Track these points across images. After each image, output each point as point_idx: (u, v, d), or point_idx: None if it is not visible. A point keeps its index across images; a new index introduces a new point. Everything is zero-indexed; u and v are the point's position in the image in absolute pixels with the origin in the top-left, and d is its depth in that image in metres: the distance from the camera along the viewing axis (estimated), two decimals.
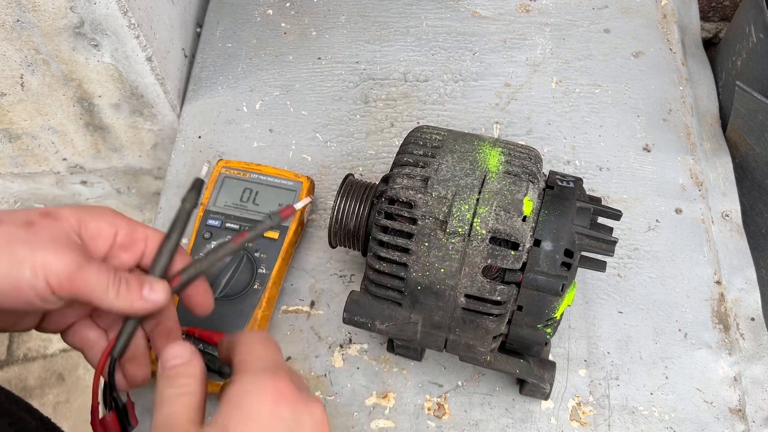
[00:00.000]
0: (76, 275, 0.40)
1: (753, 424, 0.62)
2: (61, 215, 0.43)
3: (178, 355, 0.42)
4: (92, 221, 0.44)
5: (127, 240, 0.46)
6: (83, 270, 0.41)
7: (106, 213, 0.45)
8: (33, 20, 0.64)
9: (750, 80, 0.73)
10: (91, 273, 0.41)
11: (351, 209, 0.57)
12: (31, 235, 0.40)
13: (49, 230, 0.41)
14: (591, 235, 0.52)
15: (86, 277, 0.41)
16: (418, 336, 0.54)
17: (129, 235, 0.46)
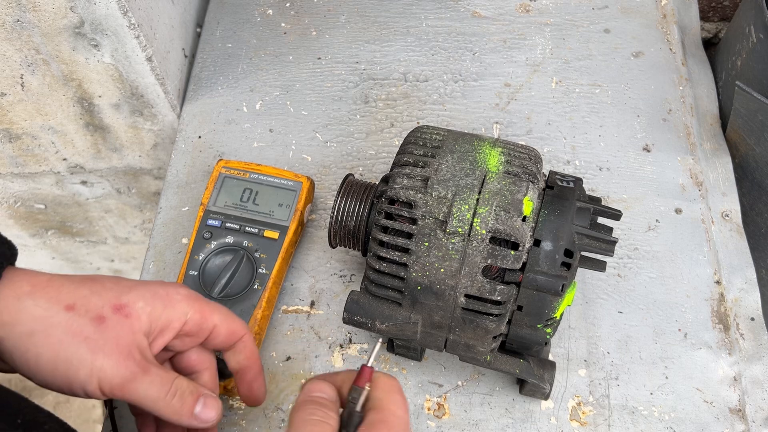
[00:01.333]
0: (129, 385, 0.41)
1: (753, 424, 0.62)
2: (134, 311, 0.43)
3: (324, 392, 0.42)
4: (165, 314, 0.44)
5: (195, 328, 0.46)
6: (136, 380, 0.41)
7: (180, 303, 0.46)
8: (33, 20, 0.64)
9: (750, 80, 0.73)
10: (144, 384, 0.42)
11: (351, 209, 0.57)
12: (97, 334, 0.41)
13: (116, 331, 0.42)
14: (591, 235, 0.52)
15: (138, 388, 0.41)
16: (418, 336, 0.54)
17: (198, 324, 0.46)
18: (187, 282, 0.63)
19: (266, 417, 0.61)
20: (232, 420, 0.61)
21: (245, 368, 0.50)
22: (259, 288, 0.63)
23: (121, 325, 0.42)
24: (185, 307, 0.46)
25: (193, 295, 0.47)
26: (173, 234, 0.71)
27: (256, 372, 0.50)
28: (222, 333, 0.48)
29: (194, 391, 0.45)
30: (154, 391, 0.42)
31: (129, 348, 0.42)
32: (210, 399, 0.45)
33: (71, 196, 0.96)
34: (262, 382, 0.51)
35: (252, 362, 0.50)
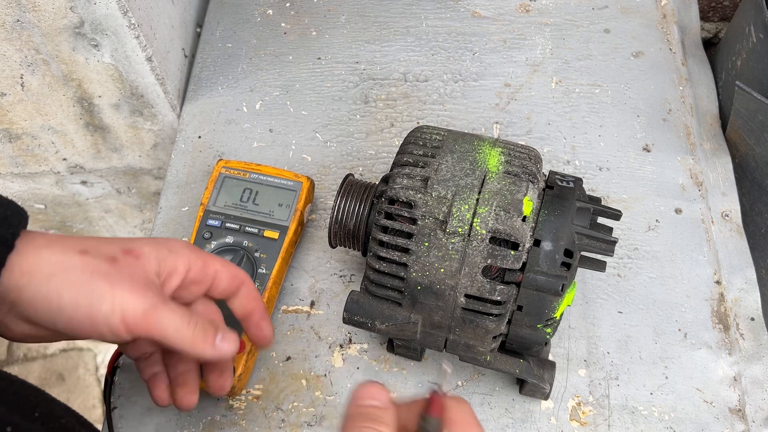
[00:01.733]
0: (152, 315, 0.42)
1: (753, 424, 0.62)
2: (143, 253, 0.45)
3: (377, 398, 0.39)
4: (170, 257, 0.46)
5: (199, 275, 0.48)
6: (158, 310, 0.42)
7: (183, 250, 0.47)
8: (33, 20, 0.64)
9: (750, 80, 0.73)
10: (165, 314, 0.43)
11: (351, 209, 0.57)
12: (113, 271, 0.42)
13: (130, 269, 0.43)
14: (591, 235, 0.52)
15: (161, 318, 0.42)
16: (418, 336, 0.54)
17: (201, 270, 0.48)
18: None
19: (266, 417, 0.61)
20: (232, 420, 0.61)
21: (251, 311, 0.51)
22: (259, 288, 0.63)
23: (133, 265, 0.43)
24: (188, 253, 0.47)
25: (192, 246, 0.49)
26: (173, 234, 0.71)
27: (261, 313, 0.52)
28: (225, 278, 0.49)
29: (213, 323, 0.46)
30: (177, 319, 0.43)
31: (145, 282, 0.43)
32: (228, 332, 0.46)
33: (71, 196, 0.96)
34: (269, 323, 0.52)
35: (256, 304, 0.51)
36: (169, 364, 0.52)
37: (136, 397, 0.63)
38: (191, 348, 0.44)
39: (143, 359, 0.52)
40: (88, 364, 1.81)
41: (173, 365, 0.52)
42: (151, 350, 0.52)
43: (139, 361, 0.52)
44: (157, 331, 0.42)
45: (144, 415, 0.62)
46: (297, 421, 0.61)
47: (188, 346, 0.44)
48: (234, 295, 0.51)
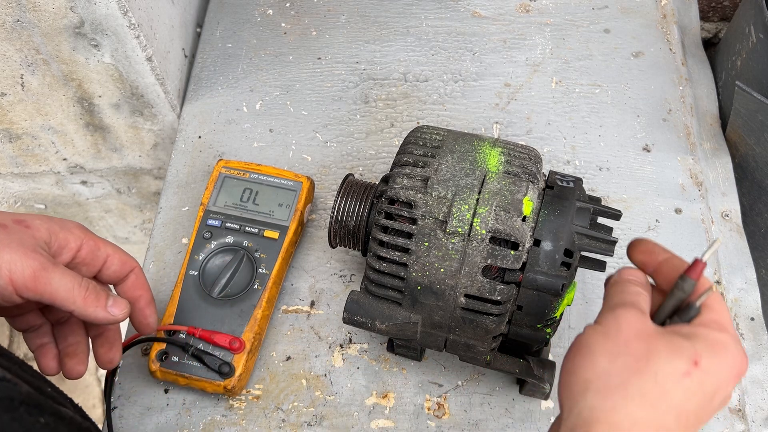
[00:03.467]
0: (41, 275, 0.42)
1: (753, 423, 0.62)
2: (33, 224, 0.45)
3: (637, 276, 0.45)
4: (61, 232, 0.47)
5: (89, 256, 0.48)
6: (48, 271, 0.43)
7: (75, 229, 0.48)
8: (33, 20, 0.64)
9: (750, 80, 0.73)
10: (56, 275, 0.43)
11: (351, 209, 0.57)
12: (2, 236, 0.43)
13: (19, 235, 0.43)
14: (591, 235, 0.52)
15: (51, 279, 0.43)
16: (418, 336, 0.54)
17: (92, 251, 0.48)
18: (188, 282, 0.63)
19: (266, 417, 0.61)
20: (232, 420, 0.61)
21: (138, 297, 0.53)
22: (259, 288, 0.63)
23: (22, 232, 0.44)
24: (80, 232, 0.48)
25: (86, 228, 0.49)
26: (173, 234, 0.71)
27: (147, 300, 0.53)
28: (115, 263, 0.50)
29: (104, 289, 0.47)
30: (68, 281, 0.44)
31: (34, 247, 0.43)
32: (118, 298, 0.48)
33: (71, 196, 0.96)
34: (154, 310, 0.54)
35: (143, 292, 0.53)
36: (59, 336, 0.53)
37: (136, 397, 0.63)
38: (83, 309, 0.45)
39: (32, 331, 0.52)
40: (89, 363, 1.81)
41: (63, 337, 0.52)
42: (39, 322, 0.52)
43: (28, 332, 0.52)
44: (48, 293, 0.43)
45: (144, 415, 0.62)
46: (297, 421, 0.61)
47: (80, 308, 0.45)
48: (123, 281, 0.52)
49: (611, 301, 0.43)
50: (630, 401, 0.37)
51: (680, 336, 0.40)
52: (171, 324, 0.61)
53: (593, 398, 0.38)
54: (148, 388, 0.63)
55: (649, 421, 0.37)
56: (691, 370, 0.38)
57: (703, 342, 0.39)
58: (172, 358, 0.60)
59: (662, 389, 0.37)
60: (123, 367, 0.64)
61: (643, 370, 0.38)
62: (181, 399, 0.62)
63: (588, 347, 0.40)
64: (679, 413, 0.38)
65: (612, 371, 0.38)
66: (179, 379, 0.60)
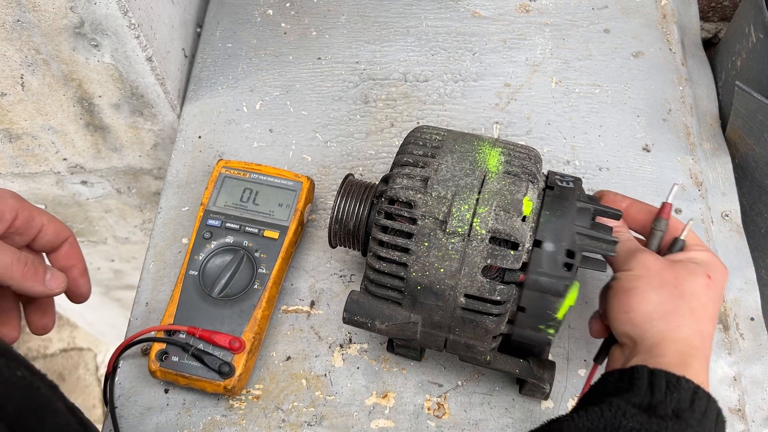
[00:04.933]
0: None
1: (753, 423, 0.62)
2: None
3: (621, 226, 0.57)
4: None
5: (24, 225, 0.49)
6: None
7: (9, 199, 0.48)
8: (33, 20, 0.64)
9: (750, 80, 0.73)
10: None
11: (351, 209, 0.57)
12: None
13: None
14: (592, 235, 0.52)
15: None
16: (418, 336, 0.54)
17: (27, 221, 0.49)
18: (188, 282, 0.63)
19: (266, 417, 0.61)
20: (232, 420, 0.61)
21: (71, 267, 0.53)
22: (259, 288, 0.63)
23: None
24: (14, 202, 0.48)
25: (19, 196, 0.50)
26: (173, 234, 0.71)
27: (81, 270, 0.54)
28: (49, 232, 0.50)
29: (42, 262, 0.49)
30: (6, 257, 0.45)
31: None
32: (56, 271, 0.49)
33: (71, 196, 0.96)
34: (87, 279, 0.54)
35: (77, 261, 0.53)
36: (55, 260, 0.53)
37: (136, 397, 0.63)
38: (21, 284, 0.46)
39: None
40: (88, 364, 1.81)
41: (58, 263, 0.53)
42: None
43: None
44: None
45: (144, 415, 0.62)
46: (297, 421, 0.61)
47: (18, 282, 0.46)
48: (56, 250, 0.52)
49: (624, 247, 0.53)
50: (684, 317, 0.48)
51: (686, 261, 0.51)
52: (171, 324, 0.61)
53: (659, 323, 0.48)
54: (148, 388, 0.63)
55: (699, 328, 0.48)
56: (707, 282, 0.49)
57: (703, 260, 0.51)
58: (172, 358, 0.60)
59: (699, 302, 0.49)
60: (123, 367, 0.64)
61: (682, 292, 0.49)
62: (181, 399, 0.62)
63: (635, 288, 0.50)
64: (711, 315, 0.49)
65: (663, 300, 0.48)
66: (179, 379, 0.60)
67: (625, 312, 0.49)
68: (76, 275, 0.54)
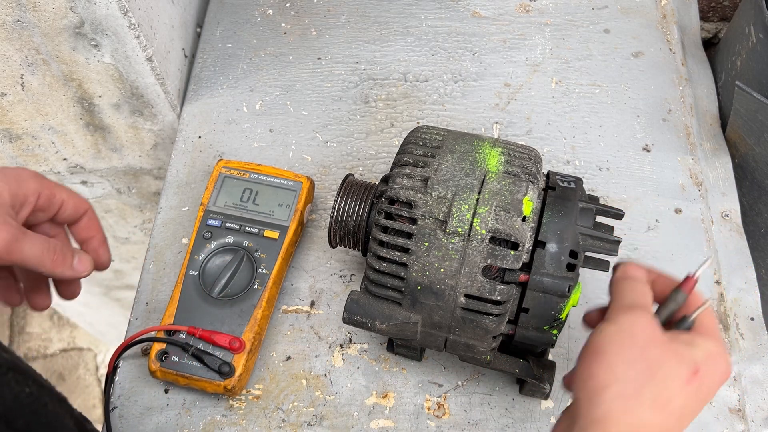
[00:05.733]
0: (14, 246, 0.47)
1: (753, 423, 0.62)
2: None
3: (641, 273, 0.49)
4: (20, 190, 0.50)
5: (46, 203, 0.52)
6: (19, 242, 0.47)
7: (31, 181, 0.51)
8: (33, 20, 0.64)
9: (750, 80, 0.73)
10: (26, 244, 0.48)
11: (351, 209, 0.57)
12: None
13: None
14: (594, 235, 0.52)
15: (22, 248, 0.48)
16: (418, 336, 0.54)
17: (48, 199, 0.52)
18: (188, 282, 0.63)
19: (266, 417, 0.61)
20: (232, 420, 0.61)
21: (91, 238, 0.56)
22: (259, 288, 0.63)
23: None
24: (36, 184, 0.51)
25: (39, 175, 0.53)
26: (173, 234, 0.71)
27: (100, 240, 0.57)
28: (69, 207, 0.54)
29: (70, 248, 0.52)
30: (37, 248, 0.48)
31: (4, 217, 0.47)
32: (83, 255, 0.53)
33: None
34: (107, 248, 0.57)
35: (96, 232, 0.57)
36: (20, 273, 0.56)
37: (136, 397, 0.63)
38: (51, 270, 0.50)
39: None
40: (88, 364, 1.81)
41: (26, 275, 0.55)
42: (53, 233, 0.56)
43: None
44: (20, 259, 0.48)
45: (144, 415, 0.62)
46: (297, 421, 0.61)
47: (48, 269, 0.50)
48: (77, 223, 0.56)
49: (623, 299, 0.46)
50: (642, 405, 0.41)
51: (683, 344, 0.44)
52: (171, 324, 0.61)
53: (610, 401, 0.41)
54: (148, 388, 0.63)
55: (657, 423, 0.41)
56: (691, 378, 0.42)
57: (701, 351, 0.43)
58: (172, 358, 0.60)
59: (670, 394, 0.41)
60: (123, 367, 0.64)
61: (655, 377, 0.42)
62: (181, 399, 0.62)
63: (605, 352, 0.43)
64: (680, 415, 0.42)
65: (628, 377, 0.42)
66: (179, 379, 0.60)
67: (584, 371, 0.43)
68: (96, 245, 0.57)
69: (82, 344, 1.83)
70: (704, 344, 0.44)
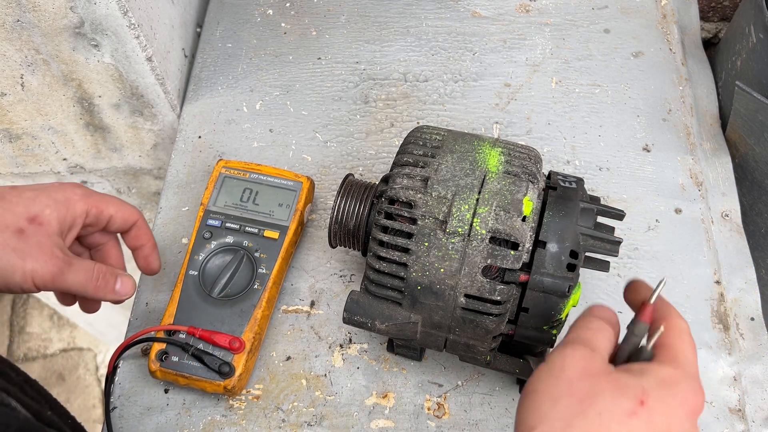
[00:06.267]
0: (59, 278, 0.49)
1: (753, 423, 0.62)
2: (45, 220, 0.50)
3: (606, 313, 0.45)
4: (68, 214, 0.52)
5: (94, 220, 0.55)
6: (64, 274, 0.49)
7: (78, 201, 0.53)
8: (33, 20, 0.64)
9: (750, 80, 0.73)
10: (70, 275, 0.50)
11: (351, 209, 0.57)
12: (21, 243, 0.48)
13: (36, 239, 0.49)
14: (595, 235, 0.52)
15: (66, 279, 0.50)
16: (418, 336, 0.54)
17: (96, 216, 0.55)
18: (188, 282, 0.63)
19: (266, 417, 0.61)
20: (232, 420, 0.61)
21: (141, 246, 0.60)
22: (259, 288, 0.63)
23: (38, 233, 0.49)
24: (84, 206, 0.53)
25: (87, 193, 0.55)
26: (173, 234, 0.71)
27: (150, 248, 0.60)
28: (118, 220, 0.57)
29: (113, 272, 0.54)
30: (80, 278, 0.51)
31: (51, 249, 0.49)
32: (125, 277, 0.55)
33: None
34: (157, 256, 0.61)
35: (146, 240, 0.60)
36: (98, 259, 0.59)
37: (136, 397, 0.63)
38: (94, 295, 0.52)
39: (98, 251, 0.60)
40: (88, 364, 1.81)
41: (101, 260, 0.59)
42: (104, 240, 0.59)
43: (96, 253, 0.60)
44: (65, 288, 0.51)
45: (144, 415, 0.62)
46: (297, 421, 0.61)
47: (92, 295, 0.52)
48: (127, 232, 0.59)
49: (567, 336, 0.43)
50: None
51: (628, 374, 0.39)
52: (171, 324, 0.61)
53: None
54: (148, 388, 0.63)
55: None
56: (637, 409, 0.38)
57: (651, 379, 0.39)
58: (172, 358, 0.60)
59: (607, 430, 0.37)
60: (123, 367, 0.64)
61: (587, 412, 0.38)
62: (181, 399, 0.62)
63: (534, 391, 0.40)
64: None
65: (554, 415, 0.38)
66: (179, 379, 0.60)
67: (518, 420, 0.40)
68: (146, 253, 0.60)
69: (82, 344, 1.83)
70: (658, 371, 0.40)
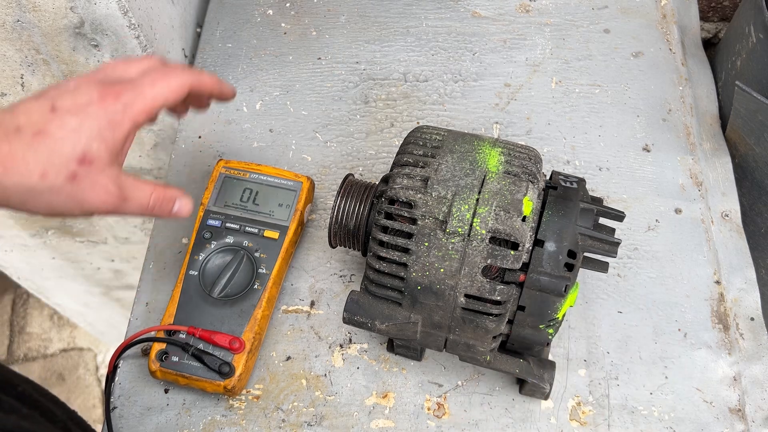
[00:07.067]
0: (120, 207, 0.51)
1: (752, 423, 0.62)
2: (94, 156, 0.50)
3: None
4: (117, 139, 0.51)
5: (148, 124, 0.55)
6: (123, 206, 0.51)
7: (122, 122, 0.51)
8: (33, 20, 0.64)
9: (750, 80, 0.73)
10: (129, 207, 0.51)
11: (351, 209, 0.57)
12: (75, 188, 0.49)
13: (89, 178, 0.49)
14: (594, 236, 0.52)
15: (126, 210, 0.51)
16: (418, 336, 0.54)
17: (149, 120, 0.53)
18: (188, 282, 0.63)
19: (266, 417, 0.61)
20: (233, 420, 0.61)
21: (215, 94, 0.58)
22: (259, 288, 0.63)
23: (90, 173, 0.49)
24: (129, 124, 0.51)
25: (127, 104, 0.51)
26: (173, 234, 0.71)
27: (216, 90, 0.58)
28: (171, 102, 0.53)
29: (170, 197, 0.54)
30: (138, 208, 0.52)
31: (105, 187, 0.49)
32: (183, 200, 0.55)
33: None
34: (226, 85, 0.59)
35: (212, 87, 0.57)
36: None
37: (136, 397, 0.63)
38: (154, 214, 0.53)
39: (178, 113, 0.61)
40: (88, 364, 1.81)
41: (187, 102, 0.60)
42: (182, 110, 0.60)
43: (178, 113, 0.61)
44: (127, 214, 0.52)
45: (144, 415, 0.62)
46: (297, 421, 0.61)
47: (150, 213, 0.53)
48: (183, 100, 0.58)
49: None
50: None
51: None
52: (171, 324, 0.61)
53: None
54: (148, 388, 0.63)
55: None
56: None
57: None
58: (172, 358, 0.60)
59: None
60: (123, 367, 0.64)
61: None
62: (181, 399, 0.62)
63: None
64: None
65: None
66: (179, 379, 0.60)
67: None
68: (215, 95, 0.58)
69: (82, 344, 1.83)
70: None
